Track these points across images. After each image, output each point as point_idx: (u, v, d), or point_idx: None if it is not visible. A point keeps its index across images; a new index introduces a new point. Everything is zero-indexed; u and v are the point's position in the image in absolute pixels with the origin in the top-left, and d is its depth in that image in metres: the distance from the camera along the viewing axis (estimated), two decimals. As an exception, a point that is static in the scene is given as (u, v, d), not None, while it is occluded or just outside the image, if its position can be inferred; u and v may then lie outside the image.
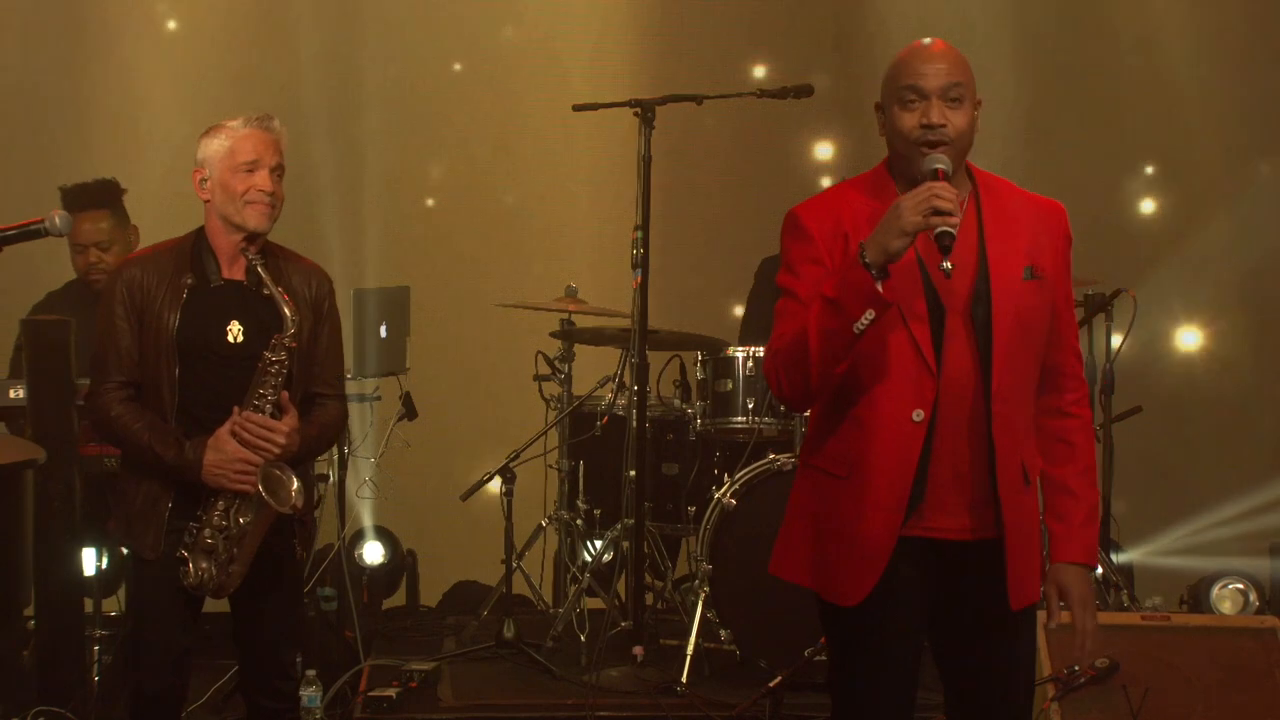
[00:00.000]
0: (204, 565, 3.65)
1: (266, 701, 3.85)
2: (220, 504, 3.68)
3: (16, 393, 4.70)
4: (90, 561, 4.81)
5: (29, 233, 3.44)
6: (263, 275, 3.72)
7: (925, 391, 2.98)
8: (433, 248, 7.30)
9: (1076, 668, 4.40)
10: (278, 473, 3.69)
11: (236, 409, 3.66)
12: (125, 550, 3.83)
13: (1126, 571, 5.95)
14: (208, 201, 3.78)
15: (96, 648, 4.82)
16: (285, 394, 3.70)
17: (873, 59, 6.71)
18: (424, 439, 5.96)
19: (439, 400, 6.42)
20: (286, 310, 3.71)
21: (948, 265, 2.93)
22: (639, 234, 5.09)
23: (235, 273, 3.78)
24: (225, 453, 3.64)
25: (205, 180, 3.77)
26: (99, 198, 5.24)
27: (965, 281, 3.00)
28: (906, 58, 3.04)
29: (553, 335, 5.93)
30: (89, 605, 4.83)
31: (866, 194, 3.09)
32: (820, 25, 7.42)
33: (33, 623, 4.69)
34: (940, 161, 2.96)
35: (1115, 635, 4.46)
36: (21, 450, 4.21)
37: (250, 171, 3.73)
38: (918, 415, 2.98)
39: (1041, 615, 3.17)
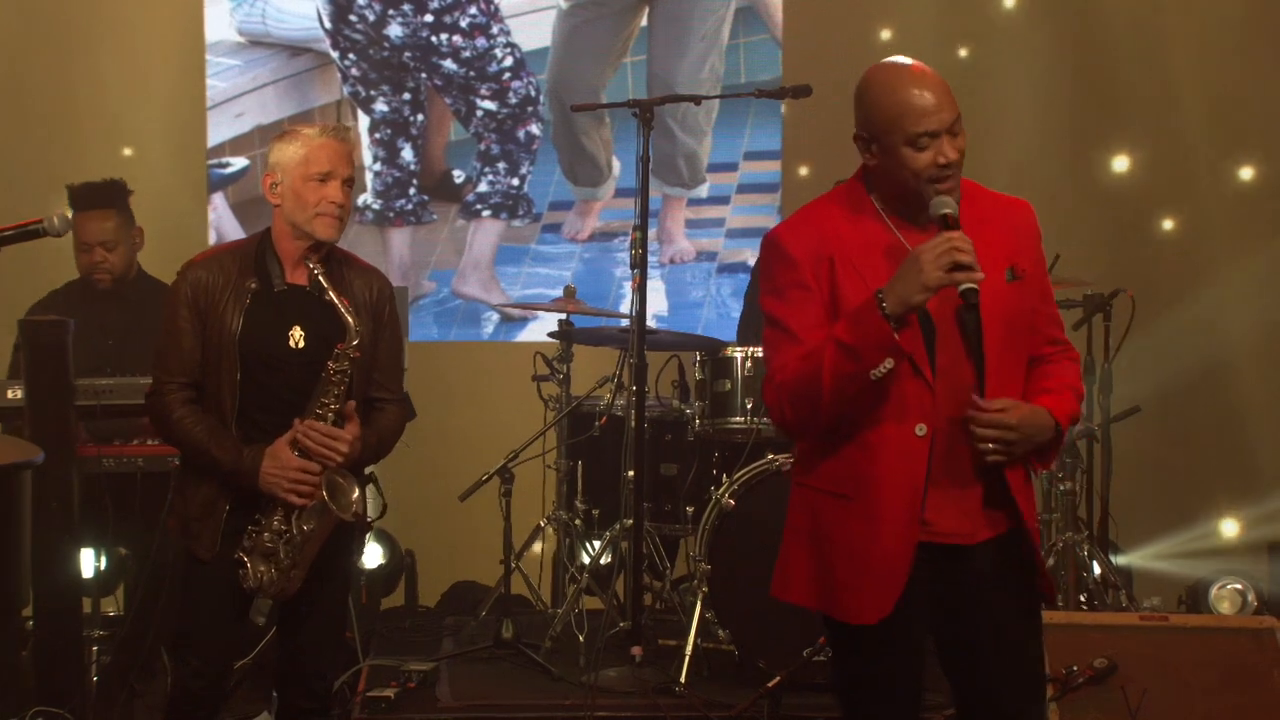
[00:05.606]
0: (263, 569, 3.63)
1: (301, 701, 3.84)
2: (281, 509, 3.66)
3: (15, 393, 4.70)
4: (89, 562, 4.82)
5: (28, 233, 3.44)
6: (324, 284, 3.69)
7: (925, 405, 2.98)
8: (433, 247, 7.30)
9: (1075, 667, 4.40)
10: (340, 480, 3.68)
11: (298, 420, 3.65)
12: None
13: (1125, 573, 5.95)
14: (277, 206, 3.75)
15: (95, 648, 4.83)
16: (351, 403, 3.68)
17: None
18: (423, 439, 5.95)
19: (438, 400, 6.42)
20: (349, 319, 3.67)
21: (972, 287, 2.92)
22: (638, 234, 5.08)
23: (299, 277, 3.75)
24: (281, 461, 3.62)
25: (276, 185, 3.74)
26: (105, 197, 5.23)
27: (951, 290, 2.96)
28: (903, 95, 2.95)
29: (551, 335, 5.93)
30: (87, 605, 4.84)
31: (847, 212, 3.06)
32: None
33: (31, 623, 4.70)
34: (948, 206, 2.94)
35: (1114, 635, 4.47)
36: (20, 451, 4.21)
37: (323, 182, 3.70)
38: (920, 430, 2.98)
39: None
